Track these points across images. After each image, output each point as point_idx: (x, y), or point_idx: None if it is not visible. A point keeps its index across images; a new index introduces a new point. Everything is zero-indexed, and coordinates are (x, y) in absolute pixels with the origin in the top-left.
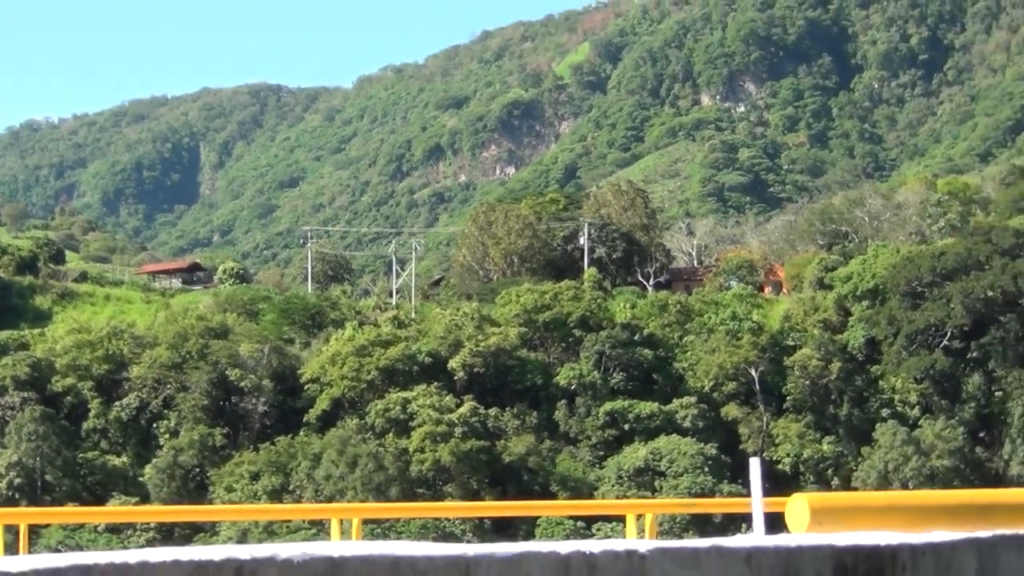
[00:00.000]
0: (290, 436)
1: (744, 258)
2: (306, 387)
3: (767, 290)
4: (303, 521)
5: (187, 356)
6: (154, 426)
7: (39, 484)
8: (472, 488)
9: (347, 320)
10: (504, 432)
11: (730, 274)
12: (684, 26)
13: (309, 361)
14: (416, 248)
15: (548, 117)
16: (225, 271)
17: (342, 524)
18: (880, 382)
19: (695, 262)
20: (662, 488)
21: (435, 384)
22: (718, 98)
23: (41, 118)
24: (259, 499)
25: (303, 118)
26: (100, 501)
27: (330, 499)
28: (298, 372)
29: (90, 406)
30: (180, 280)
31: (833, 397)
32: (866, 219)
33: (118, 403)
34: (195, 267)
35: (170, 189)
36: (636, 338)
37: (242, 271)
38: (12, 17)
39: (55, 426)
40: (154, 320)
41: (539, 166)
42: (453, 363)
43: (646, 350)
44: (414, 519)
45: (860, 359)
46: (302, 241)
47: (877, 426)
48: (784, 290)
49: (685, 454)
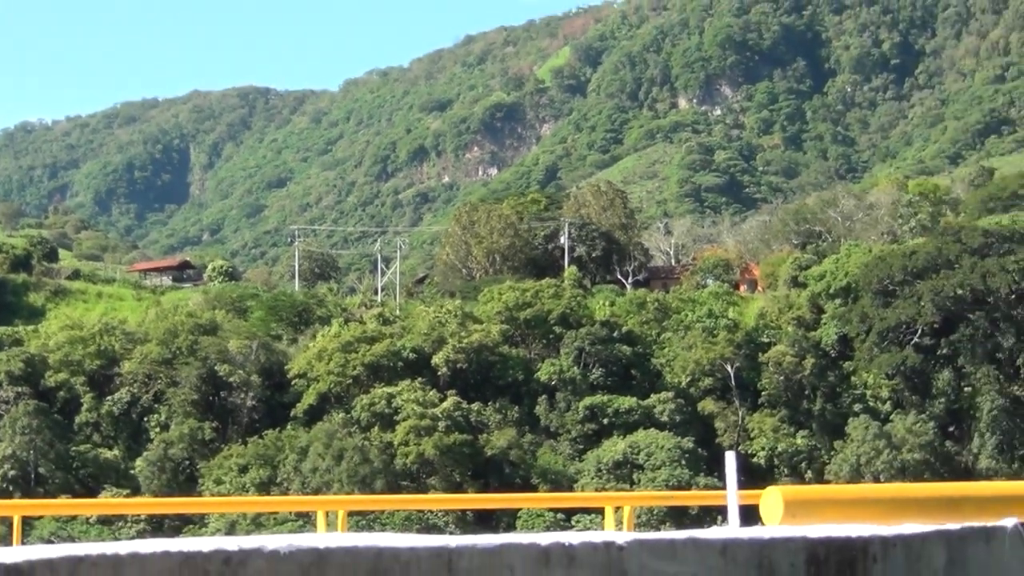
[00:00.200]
0: (277, 430)
1: (720, 257)
2: (293, 382)
3: (742, 288)
4: (290, 513)
5: (177, 352)
6: (145, 420)
7: (32, 476)
8: (455, 481)
9: (333, 317)
10: (486, 426)
11: (706, 273)
12: (662, 31)
13: (296, 357)
14: (401, 247)
15: (529, 120)
16: (214, 269)
17: (328, 516)
18: (852, 378)
19: (672, 261)
20: (640, 481)
21: (419, 379)
22: (695, 101)
23: (35, 120)
24: (247, 491)
25: (291, 120)
26: (92, 493)
27: (316, 491)
28: (285, 368)
29: (82, 400)
30: (170, 278)
31: (807, 392)
32: (839, 219)
33: (110, 398)
34: (185, 265)
35: (161, 189)
36: (615, 335)
37: (231, 269)
38: (7, 22)
39: (48, 420)
40: (145, 317)
41: (521, 167)
42: (437, 359)
43: (625, 346)
44: (398, 511)
45: (833, 355)
46: (290, 240)
47: (849, 421)
48: (759, 288)
49: (662, 448)
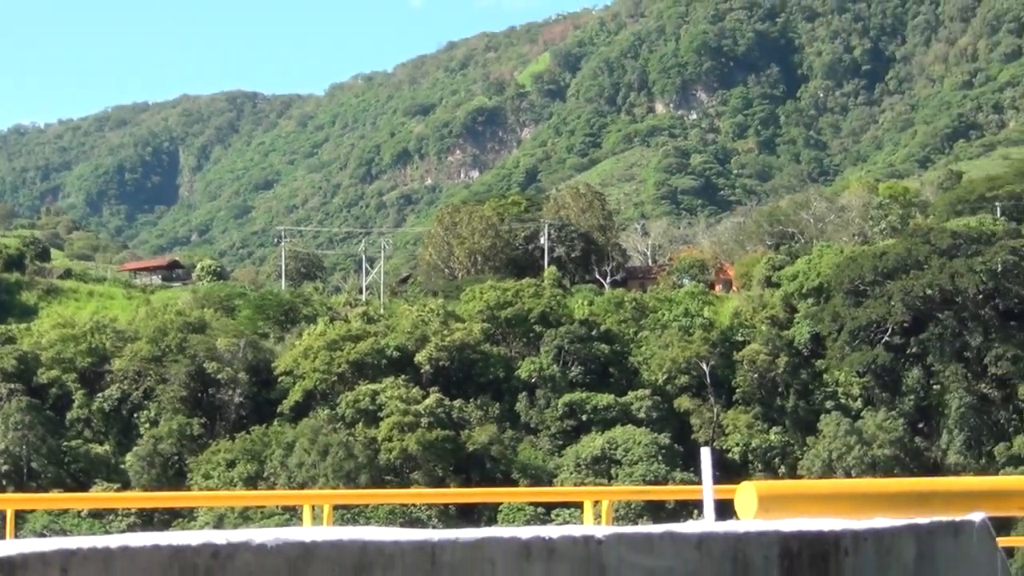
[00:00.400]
0: (264, 426)
1: (696, 258)
2: (280, 379)
3: (718, 288)
4: (277, 507)
5: (166, 350)
6: (135, 416)
7: (25, 471)
8: (438, 476)
9: (319, 316)
10: (468, 422)
11: (683, 273)
12: (639, 37)
13: (283, 355)
14: (385, 247)
15: (510, 124)
16: (203, 269)
17: (314, 510)
18: (824, 375)
19: (649, 261)
20: (618, 476)
21: (402, 377)
22: (671, 106)
23: (28, 123)
24: (235, 486)
25: (277, 124)
26: (83, 487)
27: (302, 486)
28: (272, 365)
29: (74, 397)
30: (160, 277)
31: (780, 390)
32: (811, 221)
33: (101, 394)
34: (174, 265)
35: (151, 191)
36: (593, 333)
37: (219, 269)
38: (2, 28)
39: (40, 416)
40: (135, 315)
41: (502, 170)
42: (420, 357)
43: (603, 345)
44: (382, 505)
45: (805, 354)
46: (276, 240)
47: (822, 417)
48: (734, 288)
49: (640, 443)
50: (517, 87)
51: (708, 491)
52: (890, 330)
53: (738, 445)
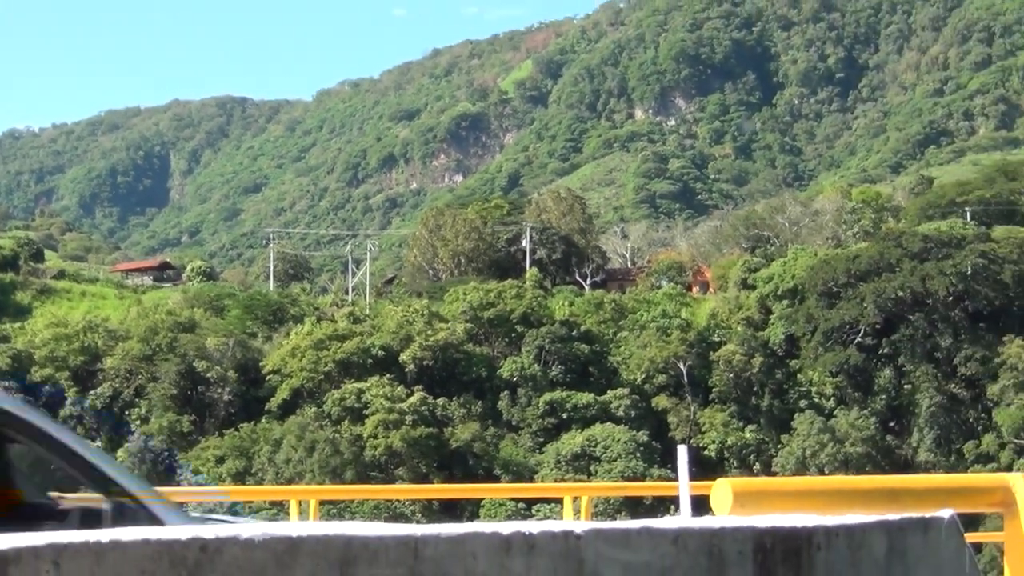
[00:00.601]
0: (252, 423)
1: (674, 260)
2: (268, 378)
3: (695, 290)
4: (264, 502)
5: (157, 349)
6: (126, 413)
7: None
8: (421, 472)
9: (306, 316)
10: (451, 420)
11: (661, 275)
12: (619, 45)
13: (271, 354)
14: (371, 249)
15: (493, 129)
16: (193, 270)
17: (300, 505)
18: (799, 375)
19: (629, 263)
20: (597, 472)
21: (387, 375)
22: (650, 112)
23: (22, 127)
24: (224, 481)
25: (266, 128)
26: None
27: (289, 481)
28: (260, 364)
29: (67, 395)
30: (151, 278)
31: (755, 389)
32: (786, 225)
33: (93, 392)
34: (165, 266)
35: (142, 193)
36: (574, 334)
37: (209, 270)
38: None
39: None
40: (127, 315)
41: (485, 174)
42: (404, 356)
43: (583, 345)
44: (367, 500)
45: (780, 354)
46: (265, 242)
47: (796, 416)
48: (711, 290)
49: (618, 441)
50: (500, 93)
51: (684, 488)
52: (862, 331)
53: (714, 443)
